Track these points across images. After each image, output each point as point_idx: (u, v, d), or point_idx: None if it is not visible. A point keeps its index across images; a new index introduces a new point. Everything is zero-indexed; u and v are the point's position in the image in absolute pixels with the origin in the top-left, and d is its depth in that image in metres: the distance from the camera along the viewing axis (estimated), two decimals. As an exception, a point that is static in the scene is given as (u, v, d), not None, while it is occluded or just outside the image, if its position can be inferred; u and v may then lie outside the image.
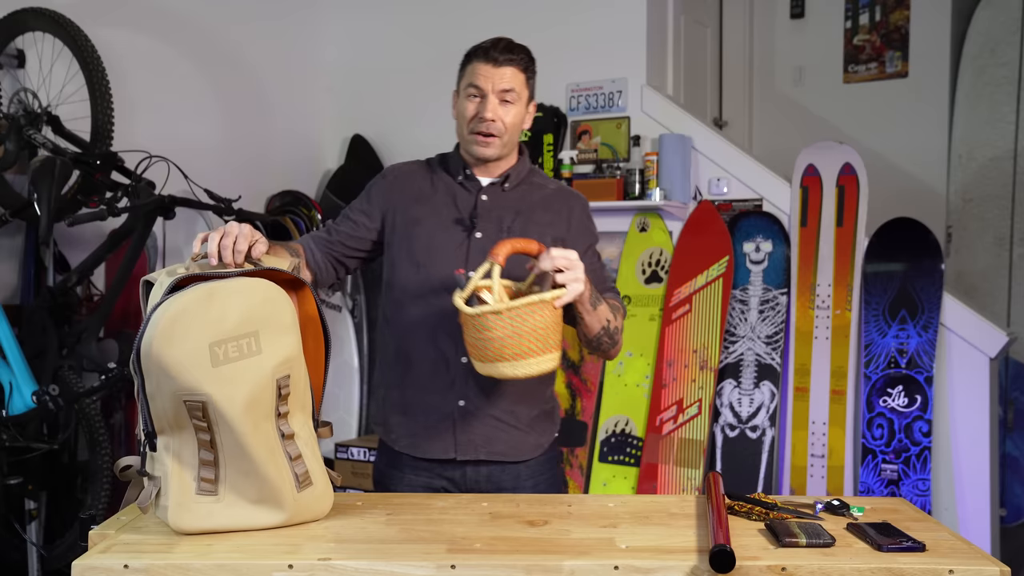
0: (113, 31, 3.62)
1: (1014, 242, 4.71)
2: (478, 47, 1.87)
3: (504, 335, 1.53)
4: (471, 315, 1.54)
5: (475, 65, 1.86)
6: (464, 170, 1.92)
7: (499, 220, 1.89)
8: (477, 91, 1.85)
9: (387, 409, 1.95)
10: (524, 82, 1.88)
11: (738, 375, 3.73)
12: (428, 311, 1.86)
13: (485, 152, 1.87)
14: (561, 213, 1.94)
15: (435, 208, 1.91)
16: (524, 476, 1.91)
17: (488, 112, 1.83)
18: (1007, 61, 4.82)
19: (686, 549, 1.39)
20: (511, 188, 1.93)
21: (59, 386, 2.92)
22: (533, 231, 1.88)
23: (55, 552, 3.06)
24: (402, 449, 1.92)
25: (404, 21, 4.67)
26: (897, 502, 1.71)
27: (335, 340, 4.44)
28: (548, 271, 1.61)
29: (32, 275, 3.27)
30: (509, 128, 1.86)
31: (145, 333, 1.37)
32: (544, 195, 1.95)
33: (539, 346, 1.55)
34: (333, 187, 4.62)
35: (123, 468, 1.50)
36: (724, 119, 5.45)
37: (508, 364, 1.54)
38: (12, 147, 3.11)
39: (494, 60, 1.83)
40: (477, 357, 1.60)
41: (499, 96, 1.84)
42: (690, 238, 3.90)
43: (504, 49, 1.84)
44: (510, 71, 1.84)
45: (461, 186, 1.92)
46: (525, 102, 1.89)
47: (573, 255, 1.63)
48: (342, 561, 1.32)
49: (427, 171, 1.97)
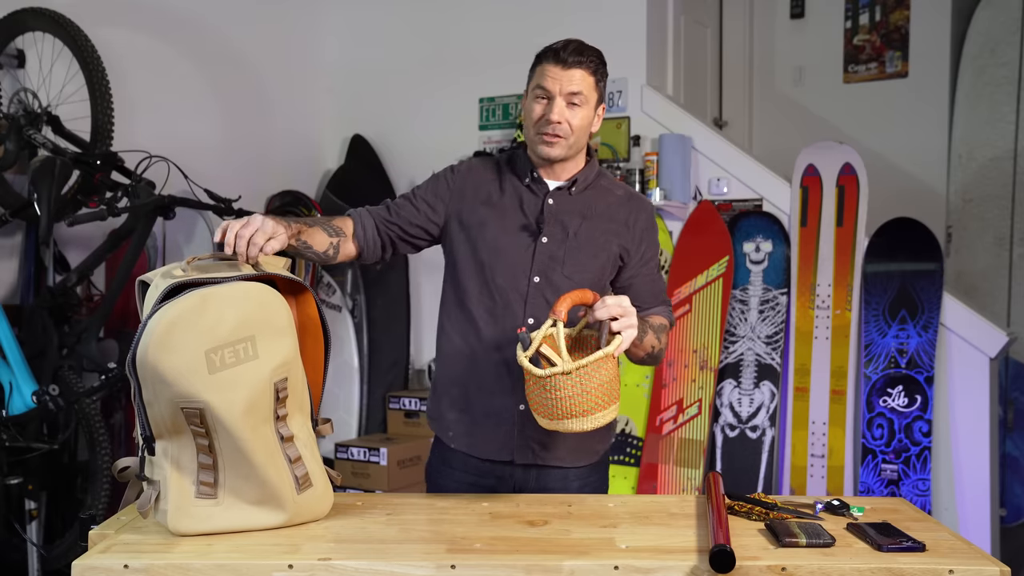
0: (113, 31, 3.62)
1: (1014, 242, 4.71)
2: (548, 48, 1.86)
3: (573, 393, 1.54)
4: (540, 376, 1.54)
5: (544, 67, 1.85)
6: (532, 172, 1.91)
7: (565, 225, 1.88)
8: (545, 93, 1.84)
9: (444, 405, 1.94)
10: (593, 85, 1.86)
11: (738, 375, 3.73)
12: (491, 316, 1.86)
13: (550, 152, 1.86)
14: (628, 222, 1.93)
15: (502, 211, 1.90)
16: (572, 478, 1.92)
17: (554, 115, 1.82)
18: (1007, 61, 4.82)
19: (686, 549, 1.39)
20: (578, 193, 1.92)
21: (59, 386, 2.92)
22: (599, 238, 1.89)
23: (55, 552, 3.06)
24: (458, 447, 1.91)
25: (404, 21, 4.67)
26: (897, 502, 1.71)
27: (335, 340, 4.45)
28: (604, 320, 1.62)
29: (32, 275, 3.27)
30: (576, 130, 1.85)
31: (140, 342, 1.37)
32: (611, 201, 1.94)
33: (605, 400, 1.56)
34: (333, 187, 4.62)
35: (122, 469, 1.50)
36: (724, 119, 5.44)
37: (575, 420, 1.56)
38: (12, 147, 3.11)
39: (563, 62, 1.82)
40: (543, 414, 1.59)
41: (566, 99, 1.83)
42: (690, 238, 3.90)
43: (574, 51, 1.83)
44: (579, 73, 1.83)
45: (528, 189, 1.91)
46: (594, 105, 1.88)
47: (625, 301, 1.63)
48: (342, 561, 1.32)
49: (496, 171, 1.96)
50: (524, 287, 1.85)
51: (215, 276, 1.45)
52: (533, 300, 1.85)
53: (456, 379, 1.91)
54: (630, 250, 1.92)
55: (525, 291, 1.85)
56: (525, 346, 1.59)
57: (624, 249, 1.91)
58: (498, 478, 1.90)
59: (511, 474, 1.89)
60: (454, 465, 1.93)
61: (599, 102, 1.90)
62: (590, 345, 1.74)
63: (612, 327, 1.62)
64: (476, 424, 1.88)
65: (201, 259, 1.50)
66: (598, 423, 1.56)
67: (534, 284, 1.86)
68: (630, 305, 1.64)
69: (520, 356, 1.57)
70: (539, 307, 1.86)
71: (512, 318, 1.86)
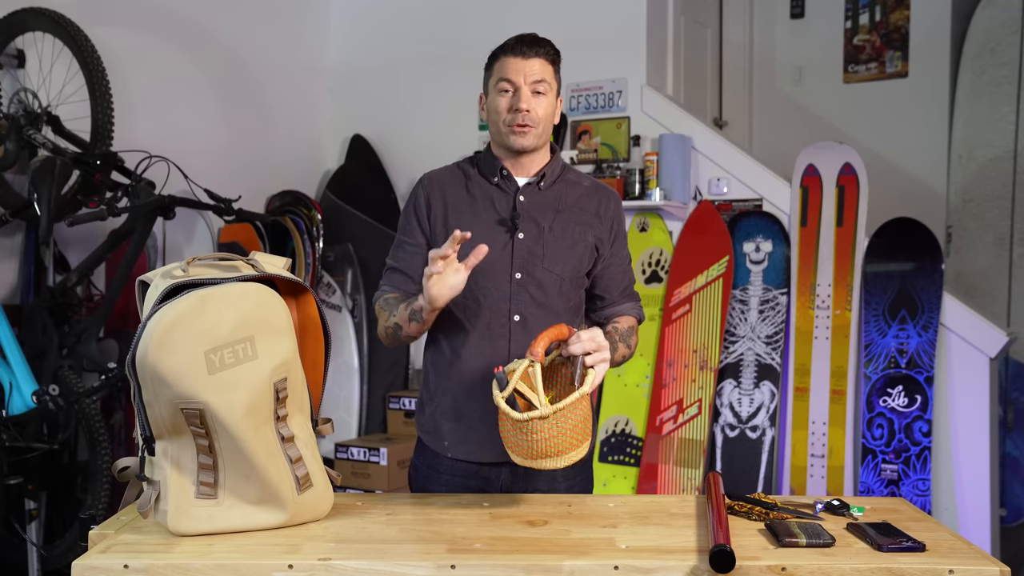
0: (113, 31, 3.63)
1: (1014, 242, 4.71)
2: (504, 44, 1.88)
3: (550, 436, 1.55)
4: (519, 421, 1.54)
5: (504, 60, 1.87)
6: (500, 171, 1.92)
7: (539, 220, 1.90)
8: (509, 84, 1.86)
9: (438, 416, 1.93)
10: (553, 73, 1.89)
11: (738, 375, 3.73)
12: (476, 318, 1.87)
13: (523, 142, 1.87)
14: (598, 212, 1.95)
15: (475, 213, 1.90)
16: (560, 478, 1.91)
17: (523, 103, 1.84)
18: (1007, 61, 4.81)
19: (686, 549, 1.39)
20: (547, 187, 1.93)
21: (59, 386, 2.92)
22: (574, 230, 1.90)
23: (55, 552, 3.06)
24: (456, 456, 1.90)
25: (404, 22, 4.67)
26: (897, 502, 1.71)
27: (335, 340, 4.45)
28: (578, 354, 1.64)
29: (32, 275, 3.27)
30: (543, 119, 1.87)
31: (139, 343, 1.37)
32: (579, 193, 1.96)
33: (579, 439, 1.58)
34: (333, 187, 4.62)
35: (121, 469, 1.50)
36: (724, 119, 5.44)
37: (550, 460, 1.57)
38: (12, 147, 3.11)
39: (523, 53, 1.85)
40: (518, 453, 1.59)
41: (531, 88, 1.85)
42: (690, 238, 3.90)
43: (531, 42, 1.86)
44: (539, 62, 1.86)
45: (498, 187, 1.92)
46: (555, 94, 1.91)
47: (599, 335, 1.65)
48: (342, 561, 1.32)
49: (461, 176, 1.97)
50: (507, 285, 1.86)
51: (214, 276, 1.45)
52: (517, 297, 1.86)
53: (447, 388, 1.91)
54: (603, 240, 1.94)
55: (508, 289, 1.86)
56: (502, 386, 1.58)
57: (598, 239, 1.93)
58: (485, 479, 1.90)
59: (499, 475, 1.89)
60: (441, 469, 1.92)
61: (558, 92, 1.92)
62: (561, 375, 1.75)
63: (586, 361, 1.64)
64: (472, 430, 1.87)
65: (201, 259, 1.49)
66: (571, 461, 1.58)
67: (516, 281, 1.86)
68: (603, 339, 1.66)
69: (497, 397, 1.57)
70: (523, 303, 1.86)
71: (498, 317, 1.86)
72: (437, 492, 1.89)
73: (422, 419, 1.98)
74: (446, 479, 1.91)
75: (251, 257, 1.53)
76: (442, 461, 1.92)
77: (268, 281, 1.51)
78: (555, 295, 1.88)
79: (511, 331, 1.85)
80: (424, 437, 1.97)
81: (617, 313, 1.99)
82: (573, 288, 1.92)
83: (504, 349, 1.86)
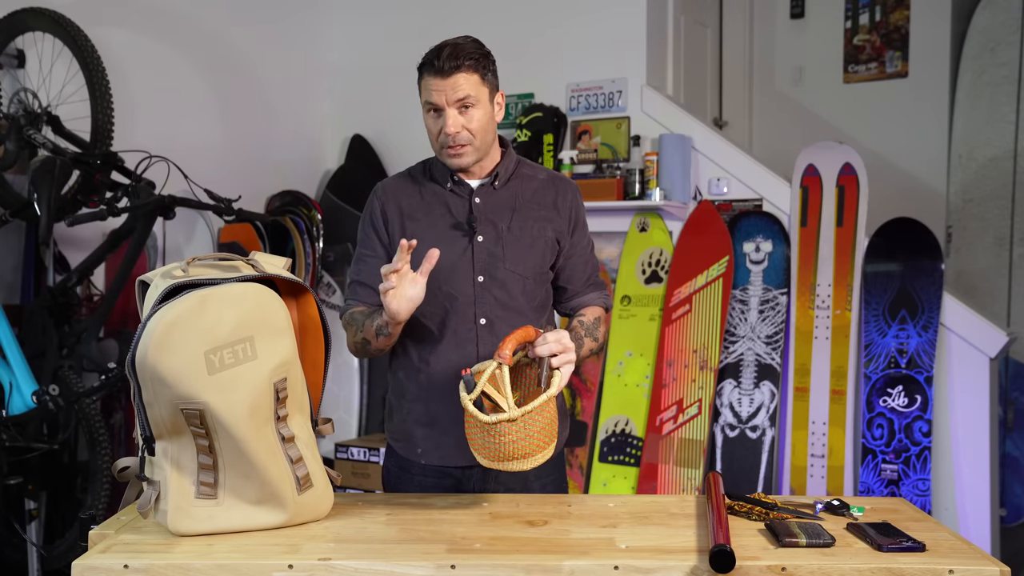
0: (113, 31, 3.63)
1: (1014, 242, 4.71)
2: (425, 60, 1.82)
3: (517, 438, 1.55)
4: (487, 423, 1.54)
5: (426, 79, 1.82)
6: (452, 176, 1.90)
7: (496, 221, 1.88)
8: (433, 106, 1.82)
9: (409, 423, 1.93)
10: (479, 82, 1.81)
11: (738, 375, 3.73)
12: (443, 324, 1.86)
13: (460, 163, 1.85)
14: (556, 204, 1.93)
15: (432, 220, 1.89)
16: (532, 478, 1.91)
17: (449, 126, 1.79)
18: (1007, 61, 4.81)
19: (686, 549, 1.39)
20: (502, 186, 1.91)
21: (59, 386, 2.92)
22: (533, 227, 1.89)
23: (55, 552, 3.06)
24: (430, 461, 1.90)
25: (404, 22, 4.67)
26: (897, 502, 1.71)
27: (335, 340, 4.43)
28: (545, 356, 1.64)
29: (32, 275, 3.27)
30: (477, 133, 1.82)
31: (139, 343, 1.37)
32: (535, 187, 1.94)
33: (546, 441, 1.58)
34: (333, 187, 4.62)
35: (121, 469, 1.50)
36: (724, 119, 5.44)
37: (517, 462, 1.57)
38: (12, 147, 3.11)
39: (440, 71, 1.78)
40: (485, 455, 1.59)
41: (457, 106, 1.80)
42: (690, 238, 3.90)
43: (449, 56, 1.77)
44: (461, 77, 1.78)
45: (452, 192, 1.90)
46: (488, 99, 1.84)
47: (565, 337, 1.66)
48: (342, 561, 1.32)
49: (414, 184, 1.94)
50: (471, 289, 1.85)
51: (214, 277, 1.45)
52: (482, 300, 1.85)
53: (418, 395, 1.90)
54: (563, 232, 1.92)
55: (472, 293, 1.85)
56: (469, 388, 1.58)
57: (558, 232, 1.91)
58: (458, 480, 1.90)
59: (471, 476, 1.89)
60: (413, 471, 1.92)
61: (493, 93, 1.86)
62: (526, 376, 1.75)
63: (552, 363, 1.64)
64: (446, 434, 1.86)
65: (201, 259, 1.49)
66: (538, 463, 1.58)
67: (479, 284, 1.86)
68: (569, 340, 1.66)
69: (464, 399, 1.56)
70: (488, 306, 1.86)
71: (464, 322, 1.85)
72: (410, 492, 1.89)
73: (391, 426, 1.97)
74: (419, 480, 1.91)
75: (251, 257, 1.53)
76: (414, 465, 1.92)
77: (268, 281, 1.51)
78: (519, 295, 1.87)
79: (478, 335, 1.85)
80: (396, 446, 1.96)
81: (583, 304, 1.98)
82: (537, 286, 1.91)
83: (472, 353, 1.85)
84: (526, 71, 4.29)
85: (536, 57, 4.29)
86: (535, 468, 1.83)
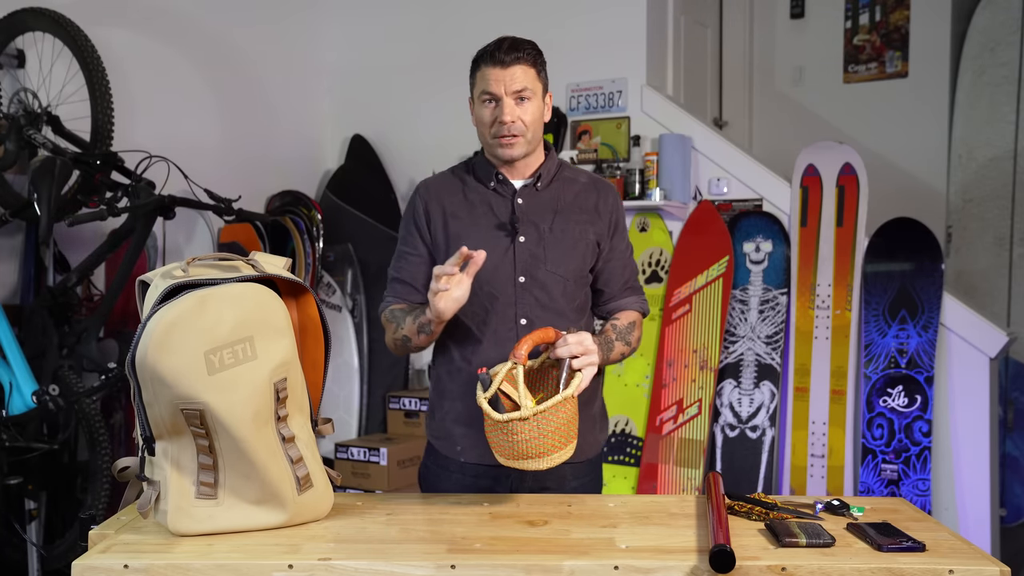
0: (113, 31, 3.63)
1: (1014, 242, 4.71)
2: (483, 51, 1.86)
3: (531, 437, 1.56)
4: (500, 421, 1.55)
5: (484, 70, 1.85)
6: (496, 176, 1.92)
7: (538, 222, 1.89)
8: (491, 96, 1.84)
9: (449, 421, 1.93)
10: (535, 77, 1.86)
11: (738, 375, 3.73)
12: (483, 324, 1.87)
13: (511, 153, 1.86)
14: (597, 208, 1.95)
15: (474, 219, 1.91)
16: (570, 477, 1.92)
17: (506, 115, 1.83)
18: (1007, 61, 4.81)
19: (686, 549, 1.39)
20: (544, 187, 1.93)
21: (59, 386, 2.92)
22: (575, 230, 1.90)
23: (55, 552, 3.06)
24: (468, 459, 1.91)
25: (404, 22, 4.67)
26: (897, 502, 1.71)
27: (335, 340, 4.45)
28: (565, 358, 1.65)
29: (32, 275, 3.27)
30: (530, 125, 1.86)
31: (139, 343, 1.37)
32: (577, 191, 1.95)
33: (562, 441, 1.59)
34: (333, 187, 4.62)
35: (121, 469, 1.50)
36: (724, 119, 5.44)
37: (533, 461, 1.58)
38: (12, 147, 3.11)
39: (501, 62, 1.82)
40: (501, 453, 1.61)
41: (514, 97, 1.83)
42: (690, 238, 3.90)
43: (509, 48, 1.83)
44: (519, 69, 1.83)
45: (495, 192, 1.92)
46: (541, 95, 1.88)
47: (587, 339, 1.67)
48: (342, 561, 1.32)
49: (458, 182, 1.96)
50: (511, 289, 1.86)
51: (214, 277, 1.45)
52: (522, 301, 1.86)
53: (459, 394, 1.91)
54: (603, 235, 1.94)
55: (513, 293, 1.86)
56: (485, 387, 1.60)
57: (599, 235, 1.93)
58: (495, 479, 1.90)
59: (508, 474, 1.89)
60: (452, 469, 1.93)
61: (545, 91, 1.90)
62: (551, 378, 1.76)
63: (572, 365, 1.65)
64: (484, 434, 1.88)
65: (201, 259, 1.49)
66: (554, 463, 1.59)
67: (520, 284, 1.87)
68: (591, 343, 1.68)
69: (480, 398, 1.58)
70: (529, 306, 1.87)
71: (505, 321, 1.87)
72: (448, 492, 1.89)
73: (433, 424, 1.98)
74: (456, 478, 1.92)
75: (251, 257, 1.53)
76: (452, 463, 1.93)
77: (268, 281, 1.51)
78: (559, 296, 1.89)
79: (518, 334, 1.86)
80: (436, 443, 1.97)
81: (619, 308, 1.99)
82: (577, 288, 1.92)
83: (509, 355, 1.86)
84: (526, 71, 4.29)
85: (536, 57, 4.29)
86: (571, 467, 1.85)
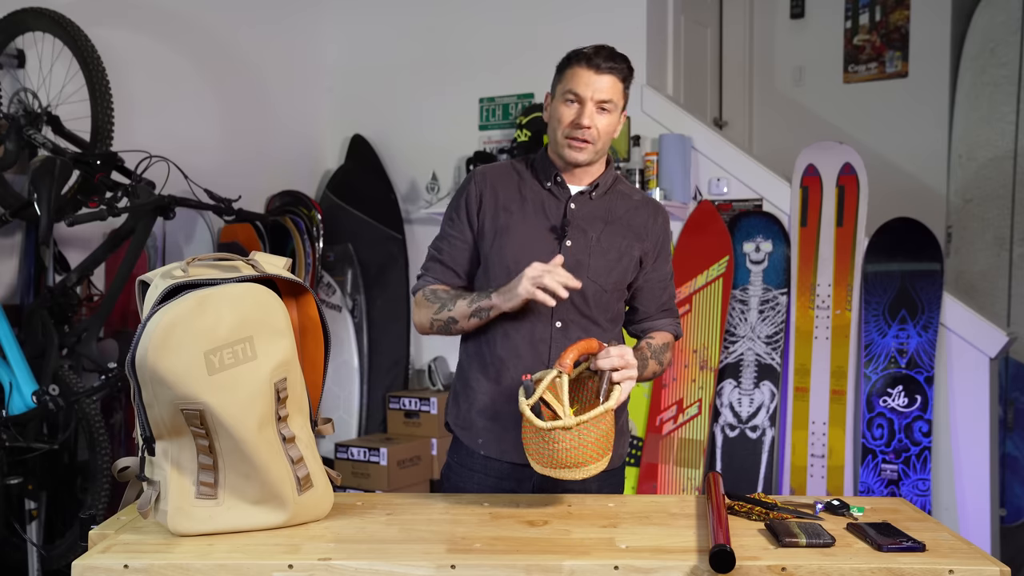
0: (113, 31, 3.62)
1: (1014, 242, 4.71)
2: (580, 52, 1.85)
3: (571, 446, 1.56)
4: (542, 429, 1.56)
5: (576, 70, 1.84)
6: (555, 177, 1.92)
7: (587, 229, 1.90)
8: (576, 97, 1.84)
9: (473, 413, 1.94)
10: (622, 92, 1.87)
11: (738, 375, 3.73)
12: (520, 322, 1.87)
13: (578, 157, 1.87)
14: (646, 227, 1.96)
15: (525, 215, 1.91)
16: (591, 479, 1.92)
17: (585, 119, 1.83)
18: (1007, 61, 4.81)
19: (686, 549, 1.39)
20: (598, 197, 1.94)
21: (59, 386, 2.92)
22: (621, 243, 1.92)
23: (55, 552, 3.06)
24: (488, 453, 1.91)
25: (404, 22, 4.67)
26: (897, 502, 1.71)
27: (335, 340, 4.45)
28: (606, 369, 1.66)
29: (32, 275, 3.27)
30: (602, 136, 1.86)
31: (139, 344, 1.37)
32: (629, 206, 1.96)
33: (600, 452, 1.59)
34: (333, 187, 4.62)
35: (121, 469, 1.50)
36: (724, 119, 5.44)
37: (569, 470, 1.58)
38: (12, 147, 3.11)
39: (596, 67, 1.82)
40: (539, 461, 1.61)
41: (597, 104, 1.83)
42: (690, 238, 3.90)
43: (607, 57, 1.83)
44: (610, 80, 1.83)
45: (550, 193, 1.93)
46: (620, 111, 1.89)
47: (628, 353, 1.68)
48: (342, 561, 1.32)
49: (515, 175, 1.97)
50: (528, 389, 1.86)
51: (214, 277, 1.45)
52: (561, 304, 1.85)
53: (486, 388, 1.92)
54: (648, 255, 1.95)
55: None
56: (528, 394, 1.60)
57: (644, 253, 1.95)
58: (519, 480, 1.90)
59: (531, 475, 1.88)
60: (475, 468, 1.93)
61: (623, 107, 1.91)
62: (588, 388, 1.76)
63: (613, 377, 1.65)
64: (507, 431, 1.87)
65: (201, 259, 1.49)
66: (590, 473, 1.59)
67: None
68: (632, 356, 1.68)
69: (522, 404, 1.58)
70: (566, 310, 1.87)
71: (541, 321, 1.87)
72: (471, 492, 1.89)
73: (456, 413, 1.99)
74: (479, 478, 1.92)
75: (251, 257, 1.53)
76: (476, 460, 1.93)
77: (268, 281, 1.51)
78: (596, 305, 1.90)
79: (552, 336, 1.87)
80: (458, 432, 1.98)
81: (654, 328, 2.01)
82: (614, 299, 1.93)
83: (545, 353, 1.87)
84: (526, 71, 4.30)
85: (536, 57, 4.28)
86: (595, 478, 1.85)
